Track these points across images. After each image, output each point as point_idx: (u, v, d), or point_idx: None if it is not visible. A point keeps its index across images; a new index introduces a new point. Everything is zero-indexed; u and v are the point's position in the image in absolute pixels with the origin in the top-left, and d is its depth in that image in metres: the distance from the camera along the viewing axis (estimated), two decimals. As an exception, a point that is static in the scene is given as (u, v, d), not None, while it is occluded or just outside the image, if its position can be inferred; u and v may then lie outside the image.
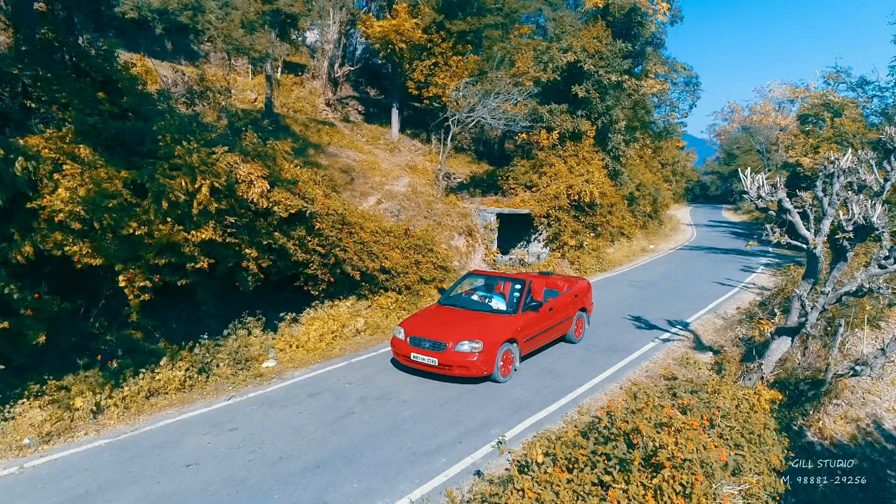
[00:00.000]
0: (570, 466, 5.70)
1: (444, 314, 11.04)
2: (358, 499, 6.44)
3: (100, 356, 9.46)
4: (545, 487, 5.42)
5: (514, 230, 22.29)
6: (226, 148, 10.30)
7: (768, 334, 10.72)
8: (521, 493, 5.42)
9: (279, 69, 28.18)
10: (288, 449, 7.56)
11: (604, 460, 5.61)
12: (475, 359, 9.64)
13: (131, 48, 21.42)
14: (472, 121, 20.77)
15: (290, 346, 11.70)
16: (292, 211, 11.32)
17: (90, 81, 9.90)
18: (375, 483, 6.75)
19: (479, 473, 7.04)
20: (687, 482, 5.13)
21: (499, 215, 20.43)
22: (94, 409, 8.57)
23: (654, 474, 5.32)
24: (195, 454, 7.44)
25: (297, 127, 23.02)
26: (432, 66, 24.23)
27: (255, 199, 10.50)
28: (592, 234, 22.96)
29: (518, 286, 11.33)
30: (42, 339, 8.51)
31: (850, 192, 8.89)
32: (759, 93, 66.83)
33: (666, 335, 13.12)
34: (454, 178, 24.46)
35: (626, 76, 23.72)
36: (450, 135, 20.81)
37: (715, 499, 5.39)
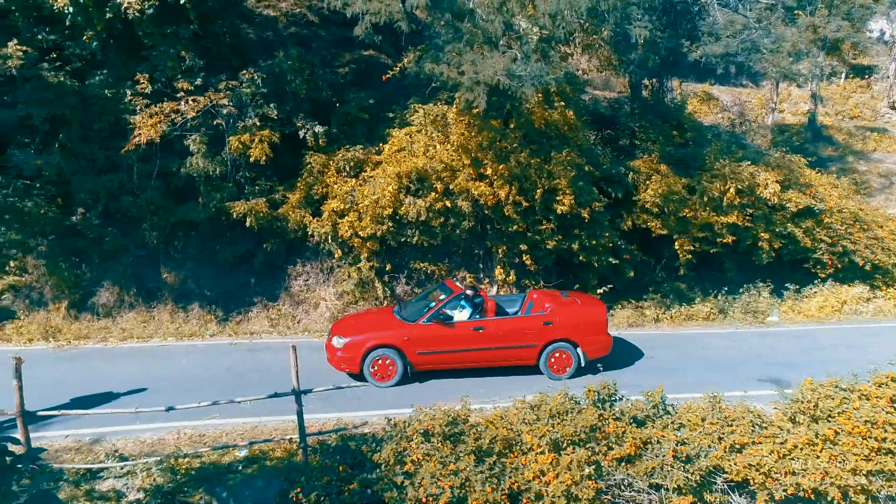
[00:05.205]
0: None
1: (371, 316, 11.60)
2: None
3: (660, 294, 15.58)
4: None
5: None
6: (748, 163, 14.93)
7: None
8: None
9: (843, 75, 29.49)
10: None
11: None
12: (339, 354, 10.26)
13: (701, 79, 27.30)
14: None
15: (792, 310, 15.32)
16: (801, 206, 14.92)
17: (668, 125, 16.20)
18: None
19: None
20: None
21: None
22: (655, 318, 14.70)
23: None
24: (712, 344, 12.84)
25: (841, 136, 24.57)
26: None
27: (768, 197, 14.70)
28: None
29: (442, 297, 10.75)
30: (631, 274, 15.19)
31: None
32: None
33: None
34: None
35: None
36: None
37: None
